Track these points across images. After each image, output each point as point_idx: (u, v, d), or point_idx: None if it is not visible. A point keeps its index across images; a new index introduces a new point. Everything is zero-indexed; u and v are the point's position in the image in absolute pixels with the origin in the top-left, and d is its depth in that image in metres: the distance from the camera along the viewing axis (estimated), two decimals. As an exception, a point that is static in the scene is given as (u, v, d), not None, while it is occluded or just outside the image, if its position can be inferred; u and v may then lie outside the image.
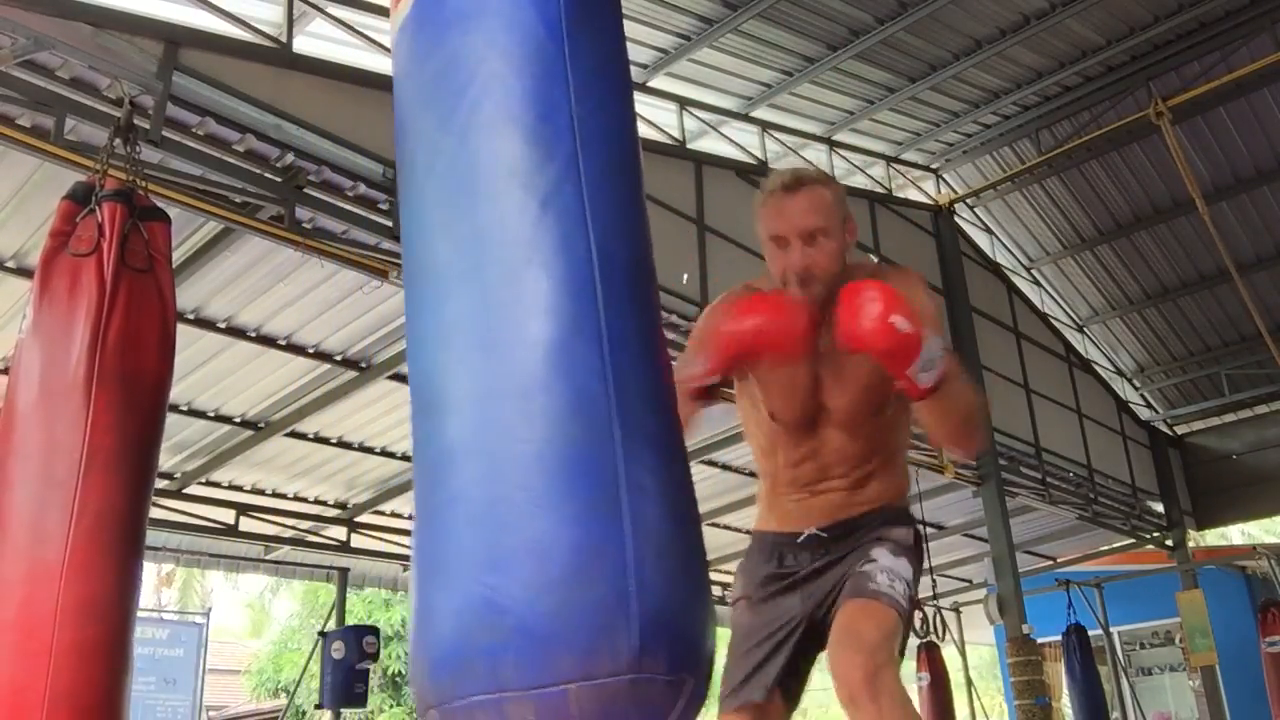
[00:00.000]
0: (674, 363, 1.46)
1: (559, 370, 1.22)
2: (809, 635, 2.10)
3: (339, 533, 8.08)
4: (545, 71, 1.36)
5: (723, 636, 1.43)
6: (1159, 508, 11.52)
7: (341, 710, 7.96)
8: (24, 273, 4.90)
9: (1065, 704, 11.13)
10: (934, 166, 9.55)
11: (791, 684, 2.10)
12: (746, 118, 7.77)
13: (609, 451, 1.20)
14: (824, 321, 1.95)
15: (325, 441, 6.99)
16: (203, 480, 7.20)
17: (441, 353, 1.32)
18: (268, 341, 5.77)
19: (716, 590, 11.36)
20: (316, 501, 7.91)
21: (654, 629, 1.14)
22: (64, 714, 2.16)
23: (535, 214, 1.29)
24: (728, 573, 12.24)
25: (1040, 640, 8.89)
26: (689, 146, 7.17)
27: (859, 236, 3.09)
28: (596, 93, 1.39)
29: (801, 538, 2.15)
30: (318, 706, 8.50)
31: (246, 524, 7.47)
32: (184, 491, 7.15)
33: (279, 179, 4.53)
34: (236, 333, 5.67)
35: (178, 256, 4.94)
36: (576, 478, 1.19)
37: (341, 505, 8.00)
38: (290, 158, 4.55)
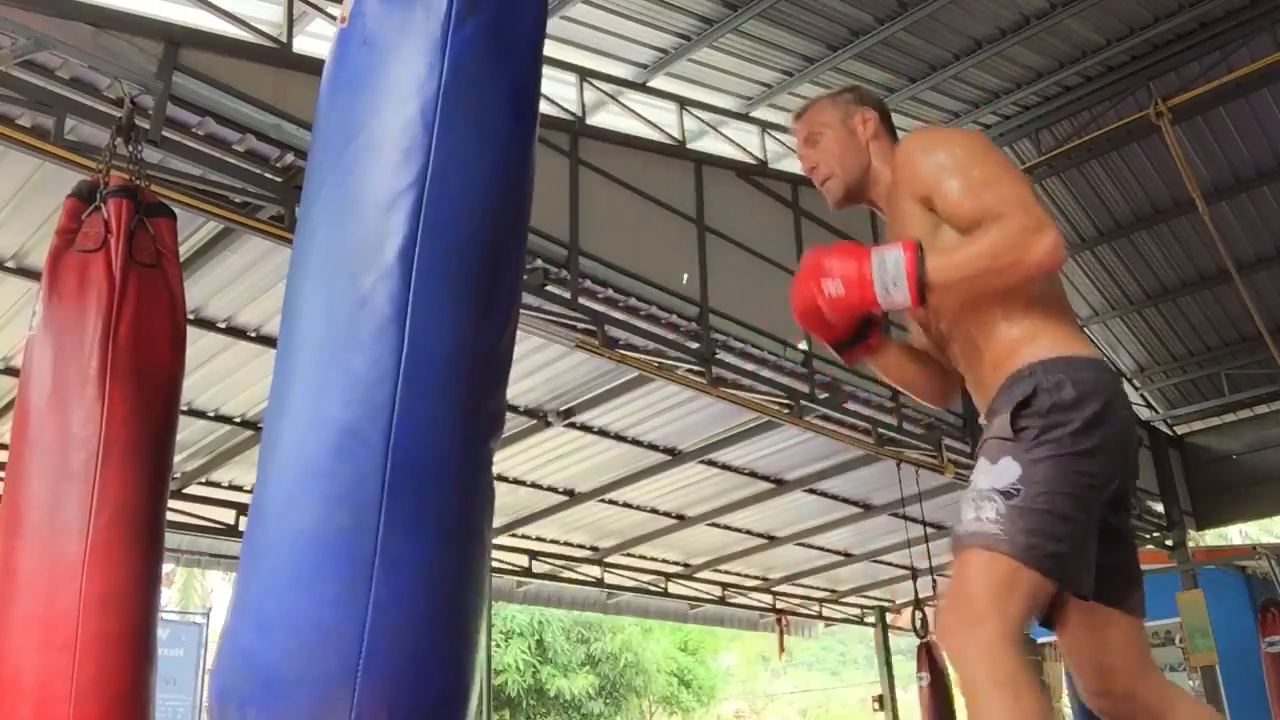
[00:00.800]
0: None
1: (341, 456, 1.32)
2: None
3: (339, 533, 8.06)
4: (406, 153, 1.38)
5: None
6: (1159, 508, 11.52)
7: (341, 710, 7.96)
8: (24, 272, 4.90)
9: (1065, 704, 11.13)
10: (934, 166, 9.54)
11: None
12: (746, 118, 7.77)
13: (369, 539, 1.29)
14: (873, 199, 2.07)
15: (325, 441, 6.99)
16: (203, 480, 7.20)
17: (272, 413, 1.43)
18: (268, 341, 5.77)
19: (716, 590, 11.37)
20: (316, 501, 7.91)
21: (373, 700, 1.26)
22: (91, 705, 2.17)
23: (358, 301, 1.35)
24: (728, 572, 12.20)
25: (1040, 640, 8.90)
26: (689, 146, 7.17)
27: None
28: (459, 180, 1.40)
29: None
30: (318, 706, 8.50)
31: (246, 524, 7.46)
32: (184, 491, 7.15)
33: (279, 179, 4.53)
34: (236, 333, 5.67)
35: (178, 256, 4.95)
36: (334, 560, 1.29)
37: (341, 505, 8.00)
38: (290, 158, 4.55)
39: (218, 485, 7.39)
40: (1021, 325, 1.84)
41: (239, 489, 7.49)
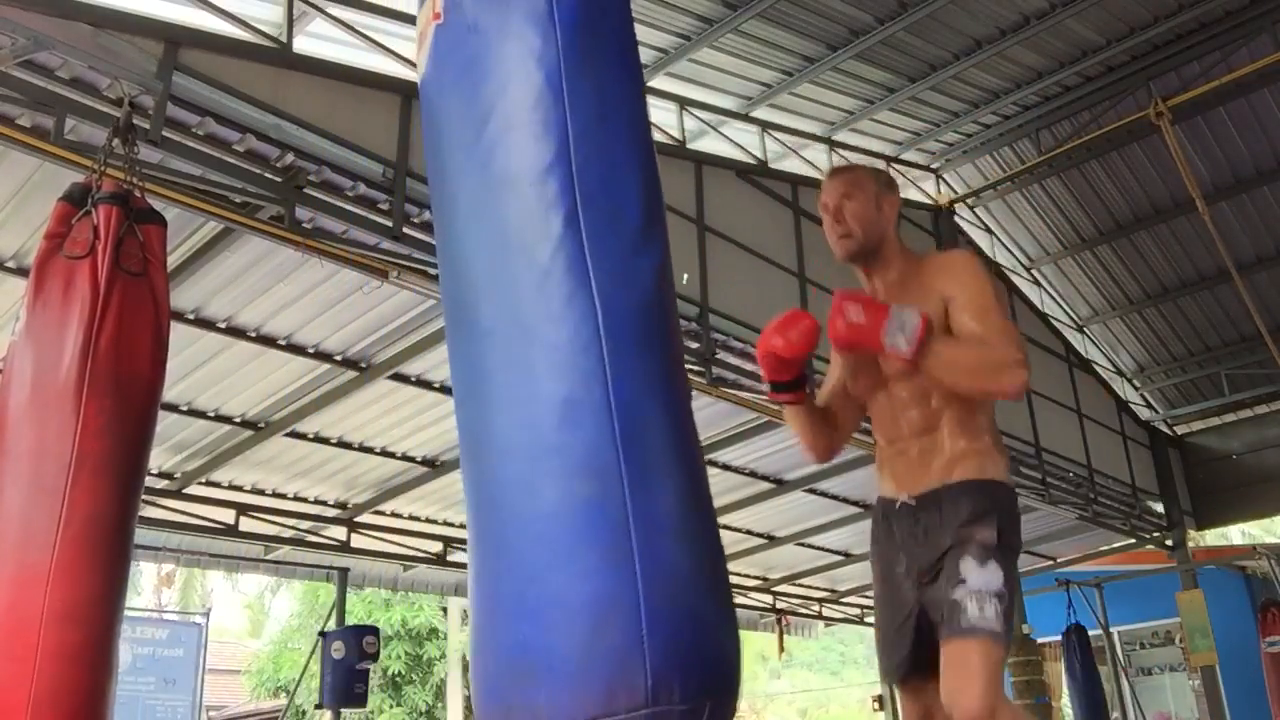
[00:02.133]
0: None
1: (568, 429, 1.31)
2: (924, 615, 2.23)
3: (339, 533, 8.07)
4: (544, 125, 1.39)
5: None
6: (1159, 508, 11.52)
7: (341, 710, 7.96)
8: (24, 273, 4.89)
9: (1065, 704, 11.13)
10: (934, 166, 9.55)
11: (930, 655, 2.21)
12: (746, 118, 7.77)
13: (618, 504, 1.28)
14: (872, 289, 2.39)
15: (325, 441, 6.99)
16: (203, 480, 7.20)
17: (475, 404, 1.42)
18: (268, 341, 5.77)
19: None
20: (316, 501, 7.91)
21: (666, 666, 1.24)
22: (47, 717, 2.16)
23: (540, 275, 1.36)
24: (729, 572, 12.23)
25: (1040, 640, 8.90)
26: (689, 146, 7.17)
27: None
28: (597, 139, 1.41)
29: (899, 505, 2.30)
30: (318, 706, 8.50)
31: (246, 524, 7.46)
32: (184, 491, 7.15)
33: (279, 179, 4.53)
34: (236, 333, 5.67)
35: (177, 257, 4.94)
36: (589, 532, 1.28)
37: (341, 505, 8.00)
38: (290, 158, 4.55)
39: (218, 485, 7.39)
40: (977, 438, 2.24)
41: (239, 489, 7.49)
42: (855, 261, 2.41)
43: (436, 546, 8.50)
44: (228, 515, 7.40)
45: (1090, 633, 10.35)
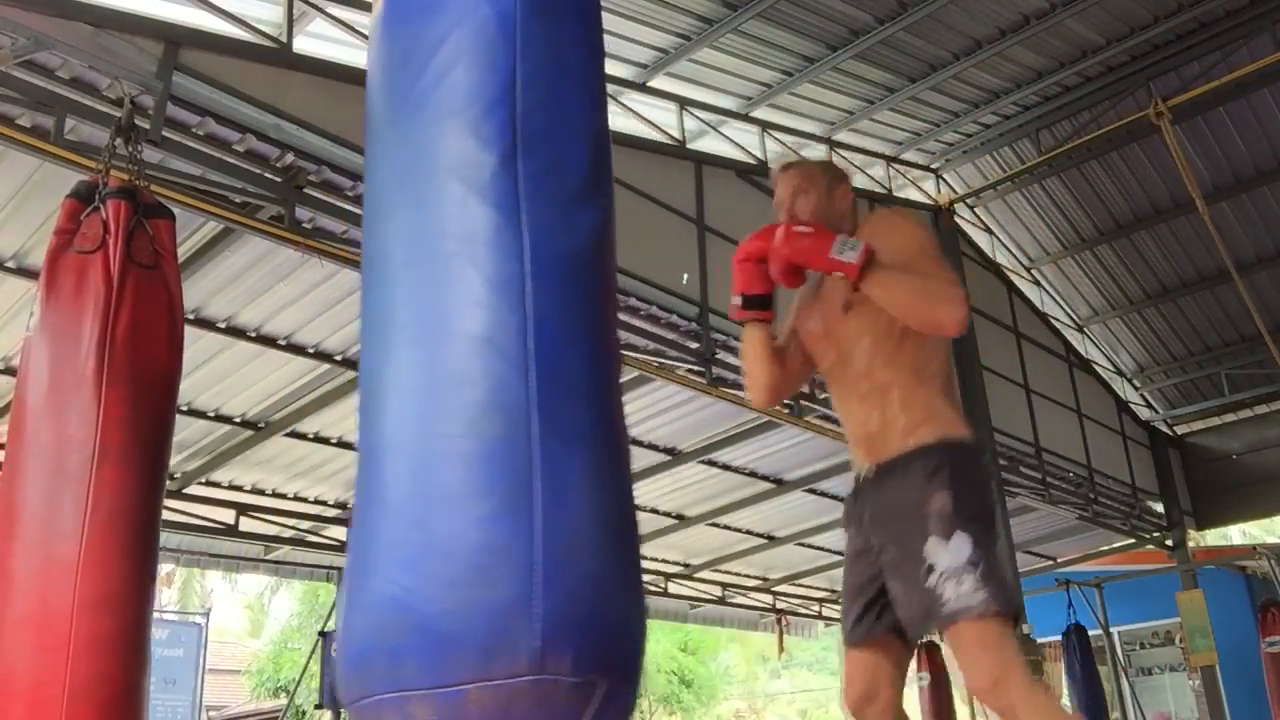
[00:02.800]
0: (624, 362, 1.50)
1: (480, 364, 1.20)
2: (882, 584, 2.22)
3: (339, 533, 8.07)
4: (493, 65, 1.34)
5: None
6: (1159, 508, 11.52)
7: (341, 710, 7.96)
8: (24, 273, 4.90)
9: (1065, 704, 11.13)
10: (934, 166, 9.55)
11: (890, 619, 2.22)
12: (746, 118, 7.77)
13: (524, 448, 1.17)
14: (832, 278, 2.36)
15: (325, 441, 6.99)
16: (203, 480, 7.20)
17: (379, 345, 1.31)
18: (268, 341, 5.77)
19: (716, 590, 11.38)
20: (316, 501, 7.91)
21: (559, 630, 1.12)
22: (84, 707, 2.17)
23: (470, 208, 1.28)
24: (729, 572, 12.19)
25: (1040, 640, 8.89)
26: (689, 146, 7.17)
27: None
28: (547, 86, 1.36)
29: (862, 477, 2.31)
30: (318, 706, 8.51)
31: (246, 524, 7.46)
32: (184, 491, 7.14)
33: (279, 179, 4.53)
34: (236, 333, 5.67)
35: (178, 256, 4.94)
36: (489, 475, 1.16)
37: (341, 505, 8.00)
38: (290, 158, 4.55)
39: (218, 485, 7.39)
40: (929, 400, 2.23)
41: (239, 489, 7.49)
42: (801, 281, 2.40)
43: (436, 546, 8.50)
44: (228, 515, 7.40)
45: (1090, 633, 10.34)
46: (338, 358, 6.04)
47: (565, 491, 1.17)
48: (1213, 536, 14.48)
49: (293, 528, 7.87)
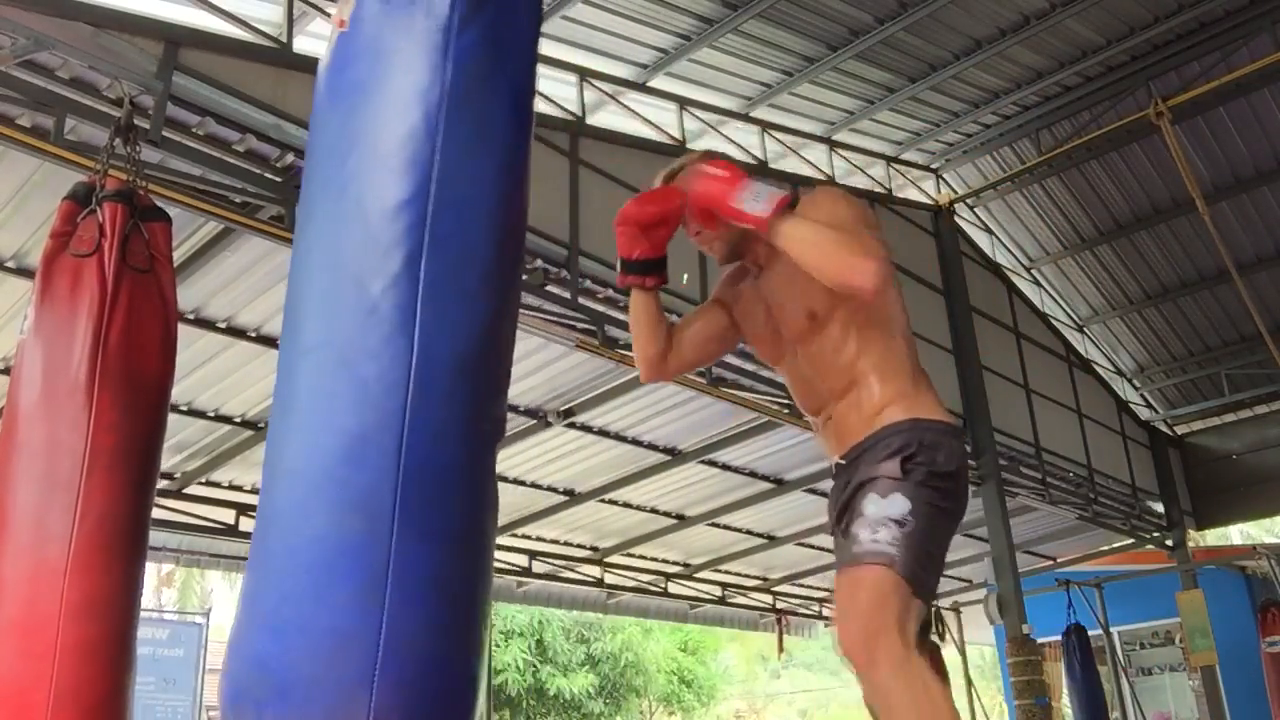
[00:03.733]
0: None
1: (353, 463, 1.32)
2: None
3: (339, 533, 8.07)
4: (410, 163, 1.38)
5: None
6: (1159, 508, 11.52)
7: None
8: (24, 273, 4.90)
9: (1065, 704, 11.13)
10: (934, 166, 9.55)
11: None
12: (746, 118, 7.77)
13: (383, 545, 1.31)
14: (746, 260, 2.29)
15: (325, 441, 6.99)
16: (203, 480, 7.20)
17: (280, 418, 1.42)
18: (268, 341, 5.77)
19: (716, 590, 11.38)
20: (316, 501, 7.91)
21: (388, 711, 1.27)
22: (68, 713, 2.16)
23: (366, 316, 1.36)
24: (728, 572, 12.16)
25: (1040, 640, 8.88)
26: (689, 146, 7.16)
27: None
28: (464, 182, 1.41)
29: (834, 468, 2.21)
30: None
31: (246, 524, 7.46)
32: (184, 491, 7.15)
33: (279, 179, 4.53)
34: (236, 333, 5.67)
35: (177, 257, 4.93)
36: (347, 568, 1.30)
37: (341, 505, 8.00)
38: (290, 158, 4.55)
39: (218, 485, 7.39)
40: (895, 384, 2.12)
41: (239, 489, 7.49)
42: (738, 258, 2.30)
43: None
44: (228, 515, 7.40)
45: (1090, 633, 10.34)
46: (338, 358, 6.04)
47: (413, 586, 1.32)
48: (1212, 536, 14.48)
49: (293, 528, 7.87)
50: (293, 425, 1.39)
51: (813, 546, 10.40)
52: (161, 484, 7.05)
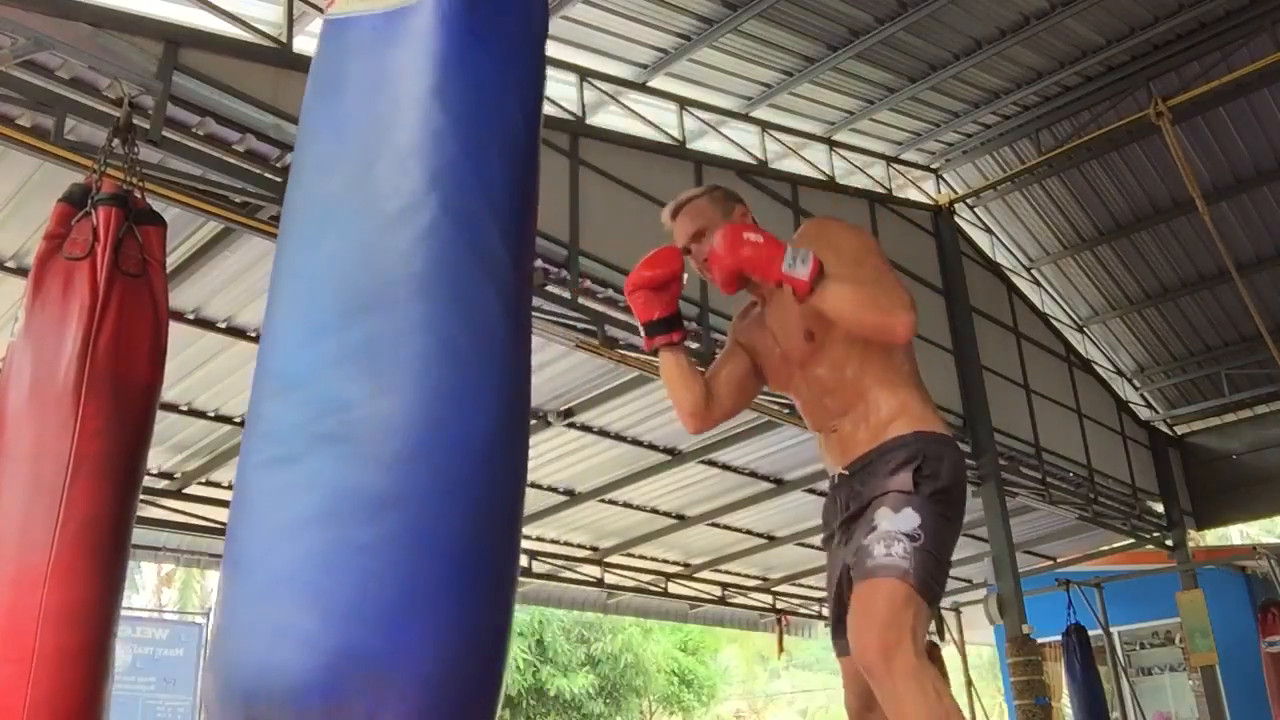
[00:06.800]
0: None
1: (496, 461, 1.32)
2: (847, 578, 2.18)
3: (339, 533, 8.06)
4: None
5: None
6: (1159, 508, 11.52)
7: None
8: (23, 273, 4.89)
9: (1065, 704, 11.13)
10: (934, 166, 9.55)
11: None
12: (746, 118, 7.77)
13: (513, 547, 1.34)
14: (751, 292, 2.39)
15: (325, 441, 6.98)
16: (203, 480, 7.20)
17: (374, 396, 1.31)
18: (268, 341, 5.76)
19: (716, 590, 11.37)
20: (316, 501, 7.90)
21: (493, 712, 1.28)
22: (44, 719, 2.15)
23: (494, 307, 1.37)
24: (728, 572, 12.15)
25: (1040, 640, 8.87)
26: (689, 146, 7.16)
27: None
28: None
29: (836, 478, 2.30)
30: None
31: (246, 524, 7.45)
32: (184, 491, 7.15)
33: (279, 179, 4.52)
34: (236, 333, 5.67)
35: (177, 257, 4.94)
36: (490, 567, 1.29)
37: (341, 505, 7.99)
38: (290, 158, 4.54)
39: (218, 485, 7.39)
40: (899, 397, 2.20)
41: (239, 489, 7.48)
42: (743, 285, 2.30)
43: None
44: (228, 515, 7.39)
45: (1090, 633, 10.34)
46: (338, 358, 6.03)
47: (513, 593, 1.35)
48: (1212, 536, 14.47)
49: (293, 528, 7.86)
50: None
51: (813, 546, 10.39)
52: (161, 484, 7.06)
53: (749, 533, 10.00)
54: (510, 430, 1.34)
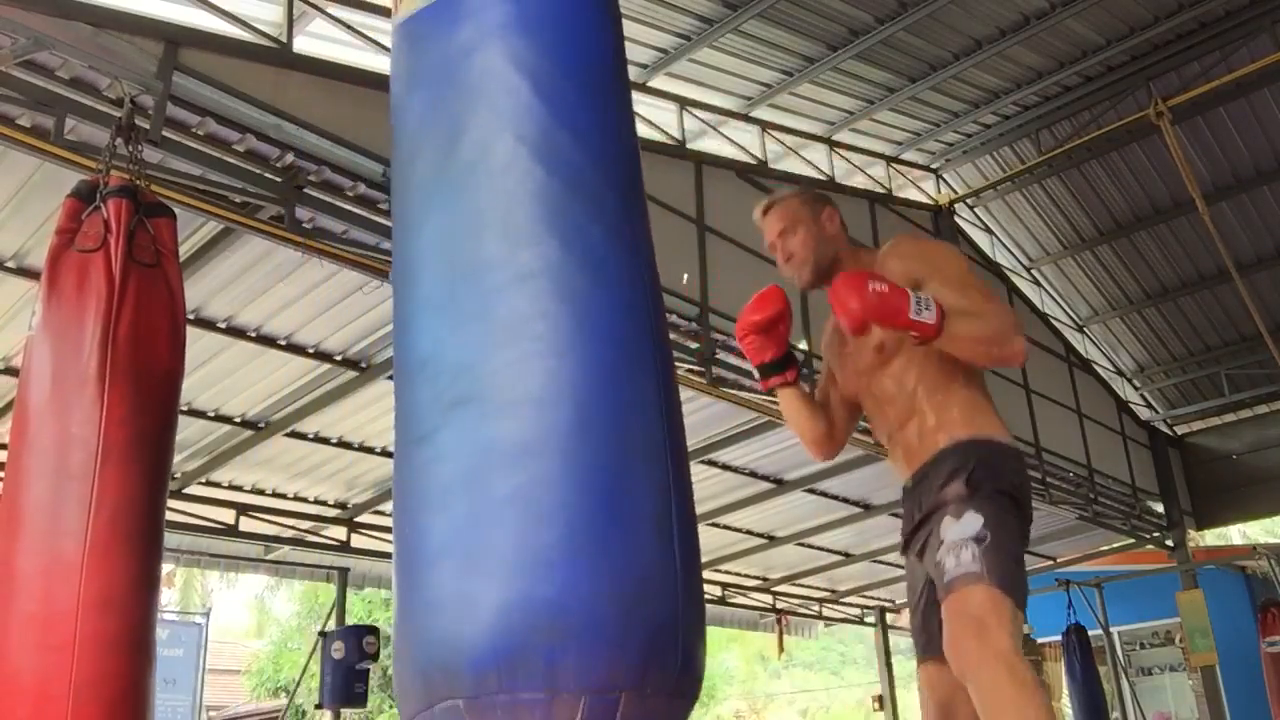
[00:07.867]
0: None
1: (625, 388, 1.31)
2: (931, 590, 2.20)
3: (339, 533, 8.07)
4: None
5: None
6: (1159, 508, 11.52)
7: (341, 710, 7.96)
8: (24, 272, 4.90)
9: (1065, 704, 11.13)
10: (934, 166, 9.55)
11: None
12: (746, 118, 7.77)
13: (664, 477, 1.31)
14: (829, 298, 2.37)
15: (325, 441, 6.99)
16: (203, 480, 7.19)
17: (495, 349, 1.33)
18: (268, 341, 5.76)
19: (716, 590, 11.37)
20: (316, 501, 7.91)
21: (690, 651, 1.25)
22: (89, 706, 2.17)
23: (600, 237, 1.40)
24: (728, 572, 12.14)
25: (1040, 640, 8.89)
26: (689, 146, 7.16)
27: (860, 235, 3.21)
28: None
29: (904, 490, 2.35)
30: (318, 706, 8.50)
31: (246, 524, 7.46)
32: (184, 491, 7.14)
33: (279, 179, 4.52)
34: (236, 333, 5.67)
35: (178, 256, 4.94)
36: (642, 498, 1.27)
37: (341, 505, 8.00)
38: (290, 158, 4.55)
39: (218, 485, 7.38)
40: (955, 406, 2.26)
41: (239, 489, 7.49)
42: (820, 284, 2.41)
43: (436, 546, 8.49)
44: (228, 515, 7.40)
45: (1090, 633, 10.35)
46: (338, 358, 6.04)
47: (687, 525, 1.33)
48: (1212, 536, 14.47)
49: (292, 528, 7.87)
50: (529, 352, 1.31)
51: (813, 546, 10.40)
52: (161, 484, 7.06)
53: (749, 533, 9.99)
54: (636, 355, 1.34)
